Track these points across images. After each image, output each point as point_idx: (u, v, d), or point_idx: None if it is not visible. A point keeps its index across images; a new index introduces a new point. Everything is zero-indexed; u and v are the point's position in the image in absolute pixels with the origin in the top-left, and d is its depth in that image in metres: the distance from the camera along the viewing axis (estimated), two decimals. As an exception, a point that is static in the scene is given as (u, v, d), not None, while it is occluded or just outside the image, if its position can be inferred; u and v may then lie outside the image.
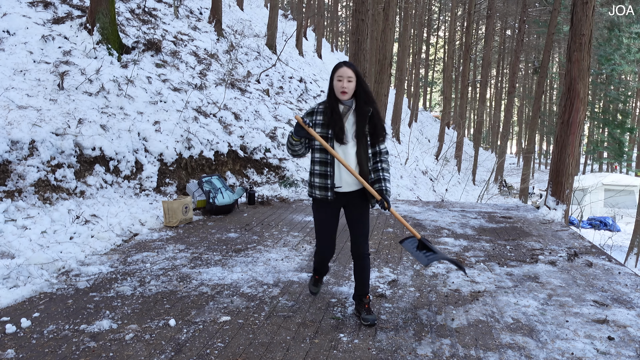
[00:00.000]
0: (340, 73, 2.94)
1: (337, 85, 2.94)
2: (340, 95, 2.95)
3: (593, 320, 3.34)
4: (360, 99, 3.01)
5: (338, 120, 2.95)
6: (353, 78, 2.95)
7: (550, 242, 5.50)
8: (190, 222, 5.98)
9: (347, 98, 2.97)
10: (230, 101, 9.34)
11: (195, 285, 3.87)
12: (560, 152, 7.26)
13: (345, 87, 2.93)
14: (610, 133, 27.62)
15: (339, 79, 2.94)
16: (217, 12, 13.53)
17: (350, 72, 2.94)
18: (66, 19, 7.87)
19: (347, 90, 2.94)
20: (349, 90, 2.95)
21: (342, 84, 2.92)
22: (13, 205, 4.85)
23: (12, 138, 5.23)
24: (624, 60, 22.92)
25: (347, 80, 2.93)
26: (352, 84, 2.95)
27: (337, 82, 2.94)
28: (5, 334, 2.93)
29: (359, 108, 3.01)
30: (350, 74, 2.94)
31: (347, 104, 2.99)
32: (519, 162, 43.25)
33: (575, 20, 7.07)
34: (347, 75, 2.93)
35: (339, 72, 2.95)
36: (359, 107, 3.01)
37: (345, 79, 2.93)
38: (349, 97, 2.98)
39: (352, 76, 2.94)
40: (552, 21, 18.53)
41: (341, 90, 2.93)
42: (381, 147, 3.10)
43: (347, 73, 2.94)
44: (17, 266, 3.87)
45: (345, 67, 2.96)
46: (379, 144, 3.09)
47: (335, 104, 2.98)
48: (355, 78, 2.96)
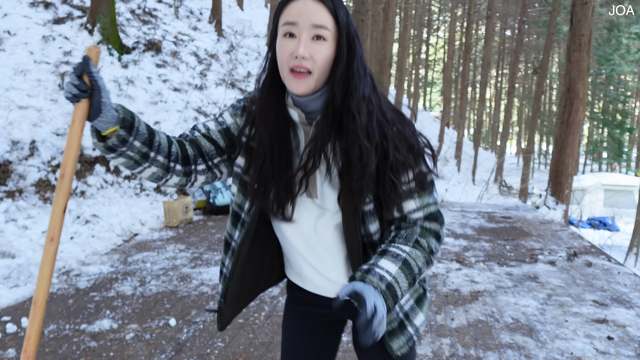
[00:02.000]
0: (291, 13, 1.02)
1: (284, 51, 1.02)
2: (293, 82, 1.03)
3: (592, 320, 3.35)
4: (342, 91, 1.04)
5: (283, 161, 1.12)
6: (328, 29, 1.01)
7: (550, 242, 5.50)
8: (190, 222, 5.99)
9: (310, 91, 1.04)
10: (231, 101, 9.36)
11: (196, 285, 3.87)
12: (560, 152, 7.27)
13: (305, 57, 1.00)
14: (609, 133, 27.64)
15: (287, 32, 1.02)
16: (217, 12, 13.54)
17: (319, 12, 1.01)
18: (67, 19, 7.88)
19: (309, 65, 1.01)
20: (315, 65, 1.02)
21: (298, 49, 1.00)
22: (14, 205, 4.86)
23: (13, 138, 5.24)
24: (623, 61, 22.94)
25: (308, 34, 1.01)
26: (322, 49, 1.02)
27: (285, 42, 1.03)
28: (6, 334, 2.94)
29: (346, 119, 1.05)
30: (318, 18, 1.00)
31: (310, 105, 1.08)
32: (519, 162, 43.28)
33: (575, 20, 7.08)
34: (312, 22, 1.00)
35: (290, 8, 1.02)
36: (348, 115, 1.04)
37: (305, 30, 1.00)
38: (315, 87, 1.04)
39: (324, 24, 1.01)
40: (552, 21, 18.54)
41: (293, 65, 1.01)
42: (418, 205, 1.12)
43: (310, 14, 1.00)
44: (18, 266, 3.88)
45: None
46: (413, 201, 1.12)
47: (276, 108, 1.11)
48: (336, 31, 1.03)
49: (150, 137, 1.08)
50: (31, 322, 1.00)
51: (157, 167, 1.11)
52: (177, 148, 1.15)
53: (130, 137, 1.03)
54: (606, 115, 28.64)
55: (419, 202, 1.12)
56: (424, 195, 1.12)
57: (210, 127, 1.19)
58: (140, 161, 1.08)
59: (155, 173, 1.12)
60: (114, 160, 1.08)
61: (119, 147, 1.03)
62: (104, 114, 1.00)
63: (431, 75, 51.65)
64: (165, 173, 1.13)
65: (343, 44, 1.03)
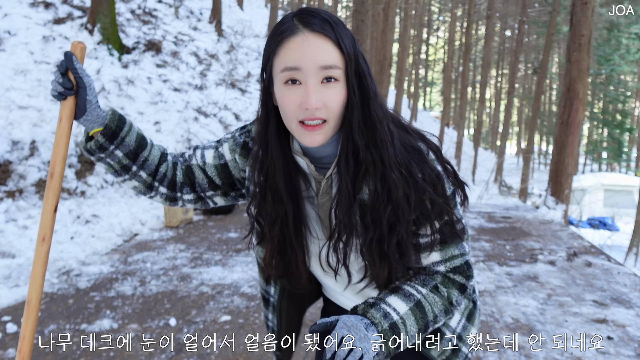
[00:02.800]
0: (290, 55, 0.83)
1: (290, 103, 0.84)
2: (306, 136, 0.85)
3: (592, 319, 3.36)
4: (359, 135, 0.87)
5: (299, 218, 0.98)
6: (339, 67, 0.83)
7: (550, 242, 5.51)
8: (190, 222, 5.99)
9: (328, 139, 0.87)
10: (231, 101, 9.36)
11: (196, 285, 3.88)
12: (560, 152, 7.27)
13: (318, 107, 0.83)
14: (609, 133, 27.65)
15: (289, 79, 0.84)
16: (217, 12, 13.54)
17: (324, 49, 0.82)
18: (67, 20, 7.88)
19: (324, 115, 0.84)
20: (330, 112, 0.85)
21: (308, 100, 0.82)
22: (14, 205, 4.86)
23: (13, 138, 5.24)
24: (623, 61, 22.94)
25: (316, 79, 0.83)
26: (335, 92, 0.84)
27: (288, 92, 0.84)
28: (6, 334, 2.95)
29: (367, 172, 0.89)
30: (326, 57, 0.82)
31: (321, 152, 0.92)
32: (519, 162, 43.27)
33: (575, 20, 7.08)
34: (319, 64, 0.82)
35: (287, 49, 0.83)
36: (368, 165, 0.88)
37: (312, 75, 0.82)
38: (332, 135, 0.88)
39: (332, 63, 0.82)
40: (552, 22, 18.54)
41: (304, 118, 0.84)
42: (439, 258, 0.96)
43: (315, 53, 0.82)
44: (18, 266, 3.88)
45: (308, 33, 0.82)
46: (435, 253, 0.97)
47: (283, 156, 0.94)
48: (344, 68, 0.84)
49: (138, 150, 1.02)
50: (25, 322, 0.99)
51: (139, 182, 1.06)
52: (168, 169, 1.09)
53: (110, 145, 0.99)
54: (606, 115, 28.64)
55: (441, 254, 0.95)
56: (448, 247, 0.95)
57: (207, 160, 1.08)
58: (120, 172, 1.04)
59: (137, 187, 1.08)
60: (97, 163, 1.04)
61: (97, 153, 1.00)
62: (89, 113, 0.97)
63: (431, 75, 51.65)
64: (147, 190, 1.09)
65: (352, 80, 0.85)
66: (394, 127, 0.92)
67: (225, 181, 1.08)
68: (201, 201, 1.13)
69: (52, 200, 0.99)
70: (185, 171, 1.09)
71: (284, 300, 1.17)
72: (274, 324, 1.22)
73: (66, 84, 0.94)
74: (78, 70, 0.94)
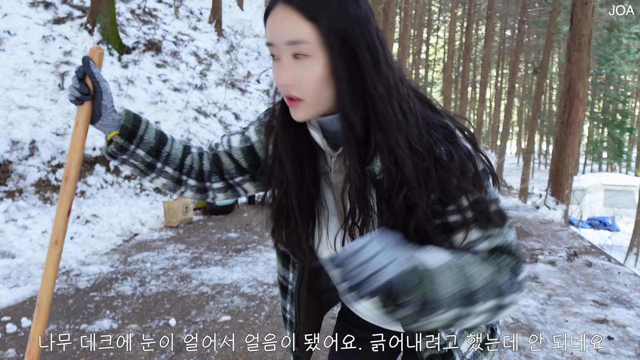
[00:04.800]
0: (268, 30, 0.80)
1: (274, 75, 0.82)
2: (291, 111, 0.83)
3: (592, 320, 3.35)
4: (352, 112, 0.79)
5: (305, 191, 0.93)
6: (308, 42, 0.75)
7: (550, 242, 5.50)
8: (190, 222, 5.99)
9: (312, 116, 0.83)
10: (231, 101, 9.36)
11: (196, 285, 3.87)
12: (560, 152, 7.27)
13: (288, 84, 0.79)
14: (609, 133, 27.64)
15: (271, 54, 0.82)
16: (217, 12, 13.54)
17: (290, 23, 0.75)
18: (67, 19, 7.88)
19: (297, 93, 0.79)
20: (302, 90, 0.79)
21: (276, 75, 0.81)
22: (14, 205, 4.86)
23: (13, 138, 5.24)
24: (623, 61, 22.94)
25: (287, 55, 0.78)
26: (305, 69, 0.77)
27: (274, 66, 0.82)
28: (6, 334, 2.94)
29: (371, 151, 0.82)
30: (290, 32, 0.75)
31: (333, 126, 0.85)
32: (519, 162, 43.26)
33: (575, 20, 7.08)
34: (285, 39, 0.76)
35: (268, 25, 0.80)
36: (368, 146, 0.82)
37: (282, 50, 0.78)
38: (319, 112, 0.82)
39: (298, 38, 0.75)
40: (552, 21, 18.53)
41: (283, 93, 0.82)
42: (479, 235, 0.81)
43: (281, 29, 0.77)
44: (18, 266, 3.88)
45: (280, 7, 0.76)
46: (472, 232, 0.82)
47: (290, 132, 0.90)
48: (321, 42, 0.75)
49: (159, 146, 1.02)
50: (35, 324, 1.00)
51: (167, 178, 1.05)
52: (194, 160, 1.07)
53: (130, 145, 0.99)
54: (606, 115, 28.64)
55: (480, 233, 0.81)
56: (487, 229, 0.81)
57: (233, 144, 1.07)
58: (146, 171, 1.03)
59: (166, 184, 1.07)
60: (121, 167, 1.02)
61: (119, 155, 1.00)
62: (105, 117, 0.97)
63: (431, 75, 51.64)
64: (177, 186, 1.07)
65: (336, 53, 0.75)
66: (418, 103, 0.85)
67: (252, 164, 1.06)
68: (231, 189, 1.10)
69: (66, 203, 0.99)
70: (213, 159, 1.08)
71: (303, 289, 1.11)
72: (292, 315, 1.15)
73: (83, 89, 0.95)
74: (95, 75, 0.95)
